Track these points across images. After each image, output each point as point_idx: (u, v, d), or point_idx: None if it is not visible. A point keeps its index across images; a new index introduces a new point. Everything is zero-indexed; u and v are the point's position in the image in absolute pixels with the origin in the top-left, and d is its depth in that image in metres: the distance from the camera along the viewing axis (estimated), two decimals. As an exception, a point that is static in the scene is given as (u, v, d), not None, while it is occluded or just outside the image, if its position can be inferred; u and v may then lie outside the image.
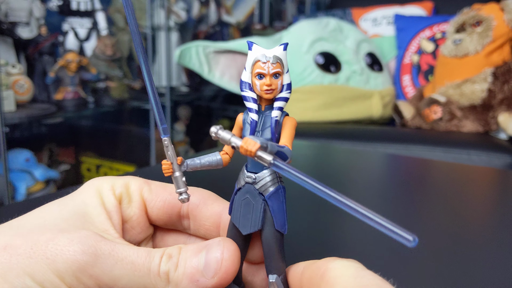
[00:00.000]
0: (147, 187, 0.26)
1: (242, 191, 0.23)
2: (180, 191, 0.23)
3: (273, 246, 0.23)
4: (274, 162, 0.20)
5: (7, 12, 1.22)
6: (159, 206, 0.26)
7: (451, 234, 0.39)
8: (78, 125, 1.68)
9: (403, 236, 0.17)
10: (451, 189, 0.54)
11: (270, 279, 0.22)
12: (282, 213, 0.23)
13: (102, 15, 1.51)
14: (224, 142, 0.21)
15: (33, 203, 0.41)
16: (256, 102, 0.23)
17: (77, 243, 0.20)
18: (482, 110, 1.37)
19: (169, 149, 0.23)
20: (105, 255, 0.20)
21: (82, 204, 0.23)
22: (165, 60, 1.62)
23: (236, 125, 0.24)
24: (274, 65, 0.22)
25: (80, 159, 1.63)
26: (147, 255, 0.21)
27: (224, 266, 0.21)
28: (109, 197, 0.24)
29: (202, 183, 0.29)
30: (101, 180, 0.25)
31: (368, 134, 1.33)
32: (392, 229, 0.17)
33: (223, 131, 0.21)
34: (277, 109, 0.22)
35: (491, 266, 0.32)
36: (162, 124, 0.23)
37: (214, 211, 0.25)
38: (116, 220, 0.24)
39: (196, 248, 0.21)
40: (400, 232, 0.17)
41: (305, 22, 1.57)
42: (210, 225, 0.26)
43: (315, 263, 0.21)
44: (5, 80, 1.14)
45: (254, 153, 0.20)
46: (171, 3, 1.65)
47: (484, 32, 1.40)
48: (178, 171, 0.23)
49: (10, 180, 1.12)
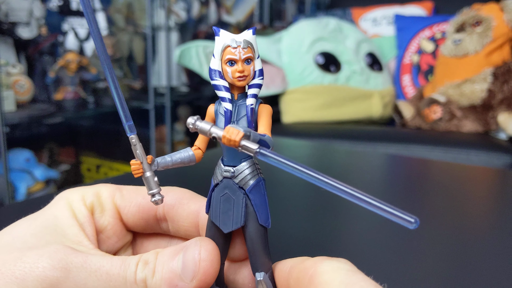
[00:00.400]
0: (119, 193, 0.25)
1: (220, 187, 0.22)
2: (153, 192, 0.22)
3: (258, 242, 0.21)
4: (259, 151, 0.19)
5: (7, 12, 1.22)
6: (134, 212, 0.25)
7: (451, 234, 0.39)
8: (78, 125, 1.68)
9: (404, 218, 0.16)
10: (451, 189, 0.54)
11: (257, 277, 0.21)
12: (264, 207, 0.22)
13: (102, 15, 1.51)
14: (203, 133, 0.20)
15: (33, 203, 0.41)
16: (229, 90, 0.21)
17: (46, 259, 0.19)
18: (482, 110, 1.37)
19: (137, 147, 0.21)
20: (77, 268, 0.19)
21: (53, 218, 0.22)
22: (165, 60, 1.62)
23: (207, 117, 0.22)
24: (245, 50, 0.21)
25: (80, 159, 1.63)
26: (122, 263, 0.20)
27: (202, 268, 0.20)
28: (79, 208, 0.23)
29: (176, 181, 0.28)
30: (71, 191, 0.24)
31: (368, 134, 1.33)
32: (392, 212, 0.17)
33: (201, 122, 0.20)
34: (251, 96, 0.21)
35: (491, 266, 0.32)
36: (128, 121, 0.21)
37: (190, 210, 0.24)
38: (90, 231, 0.23)
39: (173, 250, 0.20)
40: (401, 214, 0.17)
41: (305, 22, 1.57)
42: (188, 225, 0.24)
43: (303, 263, 0.20)
44: (5, 80, 1.14)
45: (238, 142, 0.19)
46: (171, 3, 1.65)
47: (484, 32, 1.40)
48: (149, 171, 0.22)
49: (10, 180, 1.12)
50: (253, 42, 0.21)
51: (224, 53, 0.21)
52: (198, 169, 0.53)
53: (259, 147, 0.19)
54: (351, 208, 0.46)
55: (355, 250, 0.35)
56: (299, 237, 0.37)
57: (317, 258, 0.20)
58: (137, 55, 1.66)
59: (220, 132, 0.20)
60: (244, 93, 0.22)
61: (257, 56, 0.21)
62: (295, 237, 0.37)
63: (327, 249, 0.35)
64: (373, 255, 0.34)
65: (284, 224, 0.39)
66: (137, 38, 1.64)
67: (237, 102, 0.21)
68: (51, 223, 0.22)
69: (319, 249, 0.35)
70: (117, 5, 1.58)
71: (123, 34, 1.60)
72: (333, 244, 0.36)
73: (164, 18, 1.60)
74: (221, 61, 0.21)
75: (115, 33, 1.59)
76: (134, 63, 1.69)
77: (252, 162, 0.22)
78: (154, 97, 1.55)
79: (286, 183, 0.52)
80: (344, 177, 0.58)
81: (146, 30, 1.56)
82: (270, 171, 0.56)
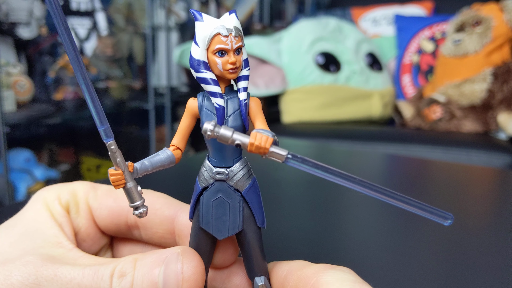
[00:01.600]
0: (93, 193, 0.24)
1: (211, 191, 0.20)
2: (136, 205, 0.19)
3: (256, 246, 0.20)
4: (290, 157, 0.17)
5: (7, 12, 1.22)
6: (105, 215, 0.23)
7: (451, 233, 0.39)
8: (78, 125, 1.68)
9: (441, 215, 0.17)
10: (451, 189, 0.54)
11: (258, 282, 0.20)
12: (261, 208, 0.20)
13: (102, 15, 1.51)
14: (224, 140, 0.18)
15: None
16: (218, 84, 0.19)
17: (15, 275, 0.19)
18: (481, 110, 1.37)
19: (117, 155, 0.19)
20: (48, 281, 0.19)
21: (32, 221, 0.22)
22: (165, 60, 1.62)
23: (187, 113, 0.20)
24: (236, 39, 0.18)
25: (80, 159, 1.63)
26: (94, 274, 0.18)
27: (186, 282, 0.18)
28: (56, 207, 0.23)
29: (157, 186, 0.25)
30: (47, 190, 0.23)
31: (368, 134, 1.33)
32: (429, 210, 0.17)
33: (220, 128, 0.18)
34: (243, 90, 0.19)
35: (491, 266, 0.32)
36: (102, 125, 0.19)
37: (165, 216, 0.22)
38: (68, 231, 0.22)
39: (153, 261, 0.19)
40: (437, 212, 0.17)
41: (305, 22, 1.57)
42: (163, 232, 0.23)
43: (302, 270, 0.19)
44: (6, 80, 1.14)
45: (268, 150, 0.17)
46: (171, 3, 1.65)
47: (483, 32, 1.40)
48: (131, 181, 0.19)
49: (10, 180, 1.12)
50: (240, 28, 0.19)
51: (212, 42, 0.18)
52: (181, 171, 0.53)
53: (289, 153, 0.18)
54: (349, 208, 0.46)
55: (354, 250, 0.35)
56: (295, 237, 0.37)
57: (319, 266, 0.18)
58: (137, 55, 1.66)
59: (246, 139, 0.18)
60: (230, 85, 0.20)
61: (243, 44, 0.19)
62: (291, 237, 0.37)
63: (325, 249, 0.35)
64: (372, 255, 0.34)
65: (279, 224, 0.39)
66: (137, 38, 1.64)
67: (225, 96, 0.19)
68: (30, 228, 0.21)
69: (317, 249, 0.35)
70: (117, 5, 1.58)
71: (123, 34, 1.60)
72: (331, 244, 0.36)
73: (164, 18, 1.60)
74: (207, 51, 0.19)
75: (115, 33, 1.59)
76: (134, 63, 1.69)
77: (245, 161, 0.20)
78: (154, 97, 1.55)
79: (281, 182, 0.52)
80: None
81: (146, 30, 1.56)
82: (264, 169, 0.56)
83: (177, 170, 0.52)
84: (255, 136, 0.17)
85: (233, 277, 0.22)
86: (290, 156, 0.17)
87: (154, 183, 0.33)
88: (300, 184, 0.53)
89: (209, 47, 0.18)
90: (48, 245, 0.21)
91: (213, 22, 0.18)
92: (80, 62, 0.17)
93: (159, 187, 0.24)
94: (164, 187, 0.24)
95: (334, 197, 0.48)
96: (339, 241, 0.37)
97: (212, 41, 0.18)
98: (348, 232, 0.39)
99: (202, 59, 0.19)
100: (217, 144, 0.19)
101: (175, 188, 0.49)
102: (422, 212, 0.17)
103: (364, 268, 0.19)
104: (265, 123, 0.19)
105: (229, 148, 0.19)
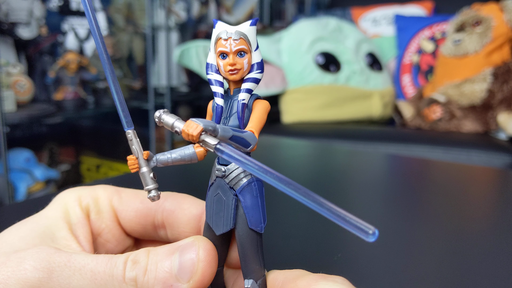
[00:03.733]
0: (117, 196, 0.24)
1: (213, 187, 0.21)
2: (148, 188, 0.21)
3: (247, 247, 0.20)
4: (217, 147, 0.18)
5: (7, 12, 1.22)
6: (131, 217, 0.24)
7: (451, 234, 0.39)
8: (78, 125, 1.68)
9: (361, 228, 0.15)
10: (451, 189, 0.54)
11: (245, 285, 0.20)
12: (257, 210, 0.20)
13: (102, 15, 1.51)
14: (168, 127, 0.19)
15: (33, 203, 0.41)
16: (222, 85, 0.20)
17: (28, 261, 0.19)
18: (481, 110, 1.37)
19: (133, 142, 0.21)
20: (61, 267, 0.19)
21: (44, 220, 0.22)
22: (165, 60, 1.62)
23: (207, 114, 0.21)
24: (236, 42, 0.19)
25: (80, 159, 1.63)
26: (108, 261, 0.19)
27: (200, 268, 0.19)
28: (74, 209, 0.23)
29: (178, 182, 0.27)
30: (69, 192, 0.24)
31: (368, 134, 1.33)
32: (348, 220, 0.15)
33: (167, 115, 0.19)
34: (244, 91, 0.20)
35: (491, 266, 0.32)
36: (125, 117, 0.21)
37: (192, 215, 0.23)
38: (82, 233, 0.22)
39: (168, 250, 0.19)
40: (358, 224, 0.15)
41: (305, 22, 1.57)
42: (190, 231, 0.23)
43: (295, 281, 0.19)
44: (6, 80, 1.14)
45: (197, 137, 0.18)
46: (171, 3, 1.65)
47: (483, 32, 1.40)
48: (145, 167, 0.21)
49: (10, 180, 1.12)
50: (249, 33, 0.20)
51: (216, 46, 0.20)
52: (200, 169, 0.53)
53: (219, 143, 0.18)
54: (352, 206, 0.46)
55: (354, 249, 0.35)
56: (295, 236, 0.37)
57: (312, 277, 0.19)
58: (137, 55, 1.66)
59: (182, 126, 0.19)
60: (240, 88, 0.20)
61: (255, 48, 0.20)
62: (291, 237, 0.37)
63: (325, 246, 0.35)
64: (373, 253, 0.34)
65: (282, 229, 0.39)
66: (137, 38, 1.64)
67: (232, 97, 0.20)
68: (41, 226, 0.22)
69: (318, 247, 0.35)
70: (117, 5, 1.58)
71: (123, 34, 1.60)
72: (332, 241, 0.36)
73: (164, 18, 1.60)
74: (216, 55, 0.20)
75: (115, 33, 1.59)
76: (134, 63, 1.69)
77: None
78: (154, 97, 1.55)
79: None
80: (344, 177, 0.58)
81: (146, 30, 1.56)
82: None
83: (181, 168, 0.52)
84: (187, 124, 0.18)
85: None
86: (218, 147, 0.18)
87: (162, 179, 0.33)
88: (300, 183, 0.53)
89: (215, 51, 0.20)
90: (56, 245, 0.21)
91: (221, 27, 0.20)
92: (107, 57, 0.19)
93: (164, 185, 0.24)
94: (168, 184, 0.24)
95: (334, 194, 0.48)
96: (339, 236, 0.37)
97: (216, 45, 0.20)
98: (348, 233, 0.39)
99: (212, 62, 0.20)
100: None
101: (177, 185, 0.49)
102: (345, 224, 0.16)
103: (363, 268, 0.19)
104: (257, 125, 0.20)
105: None
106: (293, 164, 0.65)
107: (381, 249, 0.35)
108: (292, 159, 0.68)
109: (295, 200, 0.16)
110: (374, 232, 0.15)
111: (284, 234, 0.37)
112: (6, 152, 1.07)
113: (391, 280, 0.30)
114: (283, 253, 0.33)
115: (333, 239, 0.37)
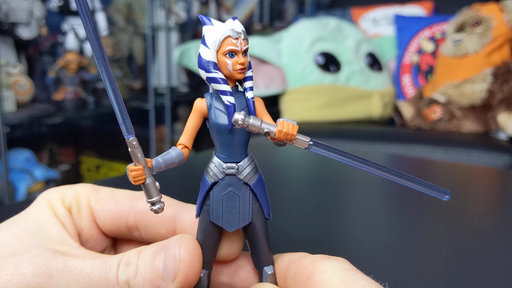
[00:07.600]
0: (95, 195, 0.24)
1: (221, 185, 0.21)
2: (153, 200, 0.20)
3: (263, 238, 0.21)
4: (312, 143, 0.19)
5: (7, 12, 1.22)
6: (105, 217, 0.24)
7: (451, 233, 0.39)
8: (78, 125, 1.68)
9: (439, 190, 0.18)
10: (452, 189, 0.54)
11: (267, 271, 0.21)
12: (267, 201, 0.21)
13: (102, 15, 1.51)
14: (254, 129, 0.19)
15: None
16: (228, 83, 0.20)
17: (27, 265, 0.19)
18: (481, 110, 1.37)
19: (138, 151, 0.19)
20: (59, 272, 0.19)
21: (35, 219, 0.22)
22: (165, 60, 1.62)
23: (195, 113, 0.21)
24: (245, 41, 0.20)
25: (80, 159, 1.63)
26: (103, 265, 0.19)
27: (182, 268, 0.19)
28: (59, 208, 0.23)
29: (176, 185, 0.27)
30: (51, 191, 0.24)
31: (368, 134, 1.33)
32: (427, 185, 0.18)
33: (250, 117, 0.19)
34: (250, 89, 0.21)
35: (491, 265, 0.32)
36: (124, 122, 0.19)
37: (165, 216, 0.23)
38: (72, 230, 0.23)
39: (156, 249, 0.20)
40: (435, 187, 0.19)
41: (305, 22, 1.57)
42: (165, 232, 0.23)
43: (300, 260, 0.20)
44: (6, 80, 1.14)
45: (295, 136, 0.19)
46: (171, 3, 1.65)
47: (483, 32, 1.40)
48: (149, 177, 0.19)
49: (10, 180, 1.12)
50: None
51: (223, 44, 0.20)
52: (189, 170, 0.53)
53: (312, 140, 0.19)
54: (353, 204, 0.46)
55: (355, 248, 0.35)
56: (297, 230, 0.37)
57: (315, 256, 0.19)
58: (137, 55, 1.66)
59: (273, 128, 0.19)
60: (236, 86, 0.21)
61: None
62: (293, 229, 0.37)
63: (327, 244, 0.35)
64: (373, 253, 0.34)
65: (284, 219, 0.39)
66: (137, 38, 1.64)
67: (233, 95, 0.21)
68: (33, 224, 0.22)
69: (320, 245, 0.35)
70: (117, 5, 1.58)
71: (123, 34, 1.60)
72: (334, 240, 0.36)
73: (164, 18, 1.60)
74: (218, 52, 0.20)
75: (115, 33, 1.59)
76: (134, 63, 1.69)
77: (252, 157, 0.21)
78: (154, 97, 1.55)
79: (286, 177, 0.52)
80: (345, 177, 0.58)
81: (146, 30, 1.56)
82: (270, 164, 0.56)
83: (178, 170, 0.52)
84: (282, 124, 0.19)
85: (240, 270, 0.23)
86: (312, 143, 0.19)
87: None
88: (301, 183, 0.53)
89: (220, 49, 0.20)
90: (52, 242, 0.21)
91: (223, 26, 0.20)
92: (105, 59, 0.18)
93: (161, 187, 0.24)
94: (165, 187, 0.24)
95: (336, 193, 0.48)
96: (341, 235, 0.37)
97: (223, 43, 0.20)
98: (350, 227, 0.39)
99: (212, 60, 0.20)
100: (227, 140, 0.20)
101: (177, 187, 0.49)
102: (422, 188, 0.19)
103: (365, 265, 0.19)
104: (272, 120, 0.21)
105: (237, 144, 0.21)
106: (293, 164, 0.65)
107: (382, 249, 0.35)
108: (292, 159, 0.68)
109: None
110: (449, 192, 0.19)
111: (285, 225, 0.37)
112: (6, 152, 1.07)
113: (392, 280, 0.30)
114: (284, 242, 0.33)
115: (333, 239, 0.37)
